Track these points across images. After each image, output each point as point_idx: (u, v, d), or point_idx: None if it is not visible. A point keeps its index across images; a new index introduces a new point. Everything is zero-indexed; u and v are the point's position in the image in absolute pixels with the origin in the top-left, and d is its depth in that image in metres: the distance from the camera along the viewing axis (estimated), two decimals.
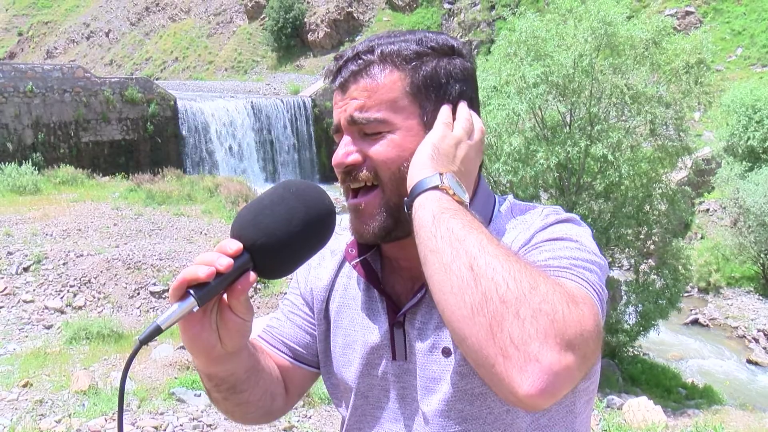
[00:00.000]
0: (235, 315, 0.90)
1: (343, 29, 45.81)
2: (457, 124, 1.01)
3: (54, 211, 13.52)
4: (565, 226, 0.99)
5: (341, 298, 1.15)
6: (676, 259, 14.50)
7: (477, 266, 0.80)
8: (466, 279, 0.80)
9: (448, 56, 1.04)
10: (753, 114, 21.52)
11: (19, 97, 21.01)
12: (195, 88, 37.68)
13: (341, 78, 1.03)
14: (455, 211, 0.88)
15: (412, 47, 1.02)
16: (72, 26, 60.28)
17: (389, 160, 1.00)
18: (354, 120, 1.01)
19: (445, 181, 0.92)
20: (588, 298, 0.84)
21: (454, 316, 0.80)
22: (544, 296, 0.77)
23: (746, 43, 31.64)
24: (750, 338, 16.93)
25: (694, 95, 14.03)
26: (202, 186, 18.00)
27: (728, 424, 7.90)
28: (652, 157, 13.97)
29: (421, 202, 0.91)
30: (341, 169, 1.03)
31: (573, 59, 12.90)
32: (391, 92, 1.00)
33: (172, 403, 5.33)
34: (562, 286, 0.81)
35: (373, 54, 1.02)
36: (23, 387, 5.66)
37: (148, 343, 0.83)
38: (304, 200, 0.90)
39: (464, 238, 0.83)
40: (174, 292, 0.83)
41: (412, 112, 1.01)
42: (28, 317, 8.57)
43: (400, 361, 1.07)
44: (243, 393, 1.06)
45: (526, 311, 0.76)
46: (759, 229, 18.46)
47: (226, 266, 0.83)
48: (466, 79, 1.05)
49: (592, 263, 0.92)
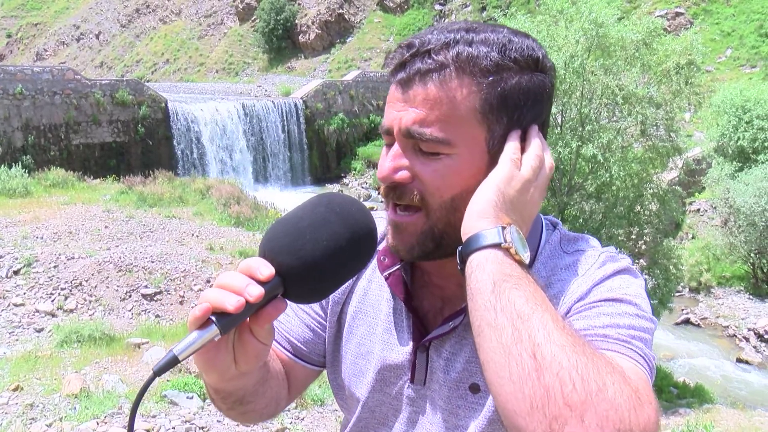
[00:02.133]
0: (257, 340, 0.81)
1: (334, 31, 45.84)
2: (526, 161, 0.89)
3: (44, 213, 13.44)
4: (623, 281, 0.91)
5: (359, 303, 1.09)
6: (668, 259, 14.58)
7: (541, 356, 0.72)
8: (527, 369, 0.72)
9: (531, 71, 0.90)
10: (743, 114, 21.67)
11: (9, 99, 20.90)
12: (186, 90, 37.63)
13: (404, 74, 0.90)
14: (518, 278, 0.79)
15: (494, 56, 0.88)
16: (62, 28, 60.01)
17: (443, 188, 0.90)
18: (410, 133, 0.89)
19: (507, 238, 0.81)
20: (648, 388, 0.79)
21: (510, 405, 0.73)
22: (612, 402, 0.70)
23: (736, 44, 31.86)
24: (740, 337, 17.02)
25: (684, 96, 14.11)
26: (193, 188, 17.95)
27: (719, 422, 7.95)
28: (643, 157, 14.04)
29: (479, 262, 0.81)
30: (386, 183, 0.92)
31: (564, 60, 12.95)
32: (460, 109, 0.87)
33: (165, 405, 5.31)
34: (629, 384, 0.74)
35: (447, 55, 0.88)
36: (14, 391, 5.62)
37: (163, 374, 0.75)
38: (348, 224, 0.80)
39: (528, 318, 0.75)
40: (195, 321, 0.74)
41: (479, 135, 0.89)
42: (19, 320, 8.51)
43: (417, 386, 1.01)
44: (250, 404, 1.01)
45: (591, 418, 0.69)
46: (749, 228, 18.58)
47: (257, 297, 0.74)
48: (544, 99, 0.92)
49: (647, 331, 0.87)
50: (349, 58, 44.22)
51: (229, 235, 12.81)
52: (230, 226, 13.99)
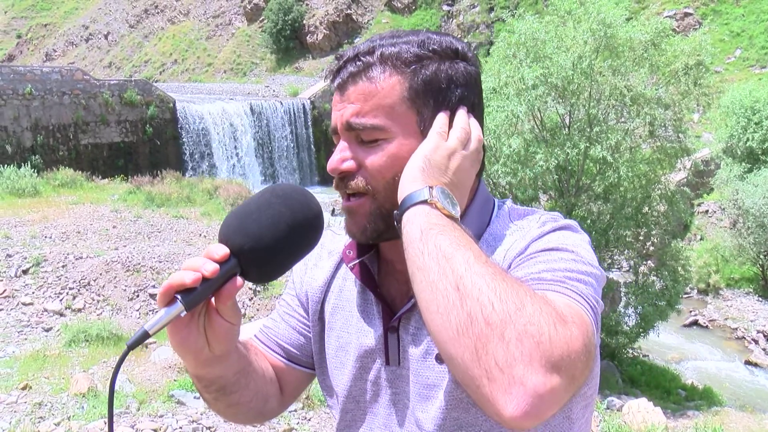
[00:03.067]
0: (223, 319, 0.90)
1: (342, 31, 45.85)
2: (452, 133, 0.98)
3: (53, 213, 13.51)
4: (561, 235, 0.97)
5: (336, 300, 1.14)
6: (676, 260, 14.50)
7: (463, 286, 0.78)
8: (451, 299, 0.78)
9: (450, 60, 1.00)
10: (752, 115, 21.55)
11: (18, 99, 21.03)
12: (194, 91, 37.73)
13: (340, 79, 1.01)
14: (443, 226, 0.86)
15: (413, 50, 0.98)
16: (71, 28, 60.32)
17: (383, 169, 0.98)
18: (350, 126, 0.99)
19: (434, 195, 0.90)
20: (579, 315, 0.82)
21: (440, 336, 0.79)
22: (530, 317, 0.75)
23: (745, 44, 31.68)
24: (749, 339, 16.93)
25: (693, 97, 14.03)
26: (201, 188, 18.00)
27: (728, 425, 7.91)
28: (651, 158, 13.97)
29: (409, 217, 0.89)
30: (335, 174, 1.02)
31: (572, 61, 12.91)
32: (389, 97, 0.97)
33: (172, 405, 5.32)
34: (551, 305, 0.79)
35: (372, 56, 0.98)
36: (22, 390, 5.65)
37: (136, 347, 0.85)
38: (290, 205, 0.90)
39: (451, 256, 0.81)
40: (161, 298, 0.83)
41: (410, 118, 0.98)
42: (27, 320, 8.56)
43: (393, 366, 1.05)
44: (233, 395, 1.06)
45: (511, 333, 0.74)
46: (758, 230, 18.48)
47: (212, 272, 0.83)
48: (468, 84, 1.02)
49: (587, 275, 0.90)
50: None
51: None
52: None
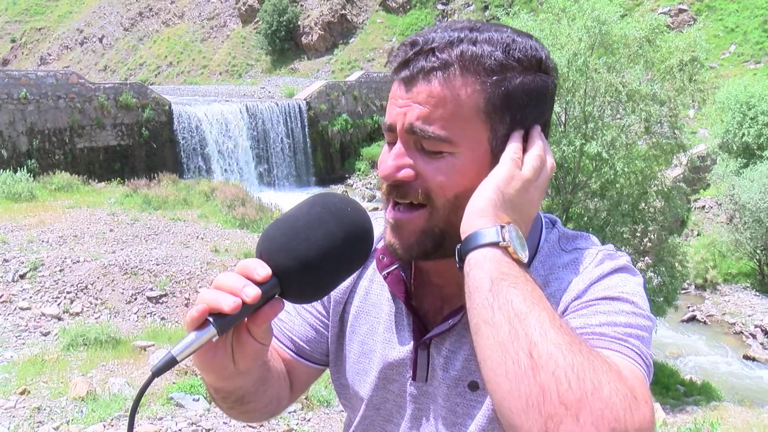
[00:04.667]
0: (254, 339, 0.81)
1: (336, 31, 45.85)
2: (527, 161, 0.89)
3: (50, 217, 13.48)
4: (620, 279, 0.91)
5: (361, 303, 1.09)
6: (673, 256, 14.54)
7: (537, 354, 0.72)
8: (524, 367, 0.73)
9: (534, 72, 0.90)
10: (747, 110, 21.60)
11: (13, 104, 20.97)
12: (190, 93, 37.70)
13: (407, 72, 0.89)
14: (515, 277, 0.79)
15: (497, 55, 0.87)
16: (65, 32, 60.20)
17: (446, 186, 0.89)
18: (413, 130, 0.88)
19: (506, 237, 0.81)
20: (644, 386, 0.79)
21: (506, 403, 0.74)
22: (607, 401, 0.70)
23: (739, 40, 31.75)
24: (747, 334, 16.97)
25: (688, 93, 14.07)
26: (198, 190, 17.98)
27: (726, 420, 7.93)
28: (647, 154, 14.00)
29: (477, 260, 0.81)
30: (389, 181, 0.91)
31: (567, 58, 12.93)
32: (463, 107, 0.87)
33: (171, 407, 5.32)
34: (625, 384, 0.74)
35: (451, 53, 0.87)
36: (21, 394, 5.64)
37: (162, 374, 0.75)
38: (343, 223, 0.81)
39: (525, 317, 0.75)
40: (193, 322, 0.74)
41: (482, 134, 0.89)
42: (25, 324, 8.54)
43: (420, 383, 1.02)
44: (250, 403, 1.01)
45: (586, 417, 0.69)
46: (755, 225, 18.52)
47: (253, 298, 0.74)
48: (546, 100, 0.92)
49: (645, 329, 0.87)
50: (352, 58, 44.22)
51: (234, 237, 12.83)
52: (235, 228, 14.01)
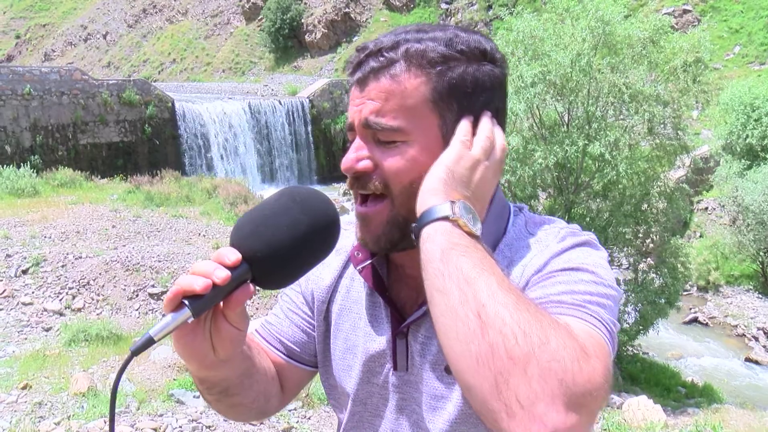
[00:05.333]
0: (230, 325, 0.86)
1: (340, 30, 45.84)
2: (476, 142, 0.94)
3: (52, 213, 13.50)
4: (581, 252, 0.94)
5: (343, 301, 1.12)
6: (675, 257, 14.51)
7: (485, 315, 0.76)
8: (473, 327, 0.76)
9: (478, 61, 0.95)
10: (751, 112, 21.56)
11: (17, 99, 21.01)
12: (193, 90, 37.74)
13: (360, 73, 0.96)
14: (465, 247, 0.82)
15: (440, 48, 0.93)
16: (69, 29, 60.28)
17: (401, 173, 0.94)
18: (368, 124, 0.94)
19: (456, 211, 0.85)
20: (600, 345, 0.81)
21: (459, 364, 0.77)
22: (554, 353, 0.73)
23: (744, 41, 31.68)
24: (749, 337, 16.94)
25: (692, 93, 14.03)
26: (200, 187, 18.00)
27: (728, 422, 7.90)
28: (650, 155, 13.98)
29: (429, 234, 0.85)
30: (350, 173, 0.97)
31: (571, 58, 12.91)
32: (411, 98, 0.93)
33: (171, 404, 5.32)
34: (575, 339, 0.77)
35: (397, 51, 0.93)
36: (22, 389, 5.65)
37: (140, 353, 0.80)
38: (308, 211, 0.86)
39: (473, 281, 0.78)
40: (168, 303, 0.79)
41: (432, 122, 0.94)
42: (27, 319, 8.56)
43: (401, 372, 1.04)
44: (236, 396, 1.04)
45: (534, 369, 0.72)
46: (758, 227, 18.48)
47: (223, 279, 0.79)
48: (494, 88, 0.97)
49: (606, 297, 0.89)
50: None
51: None
52: None
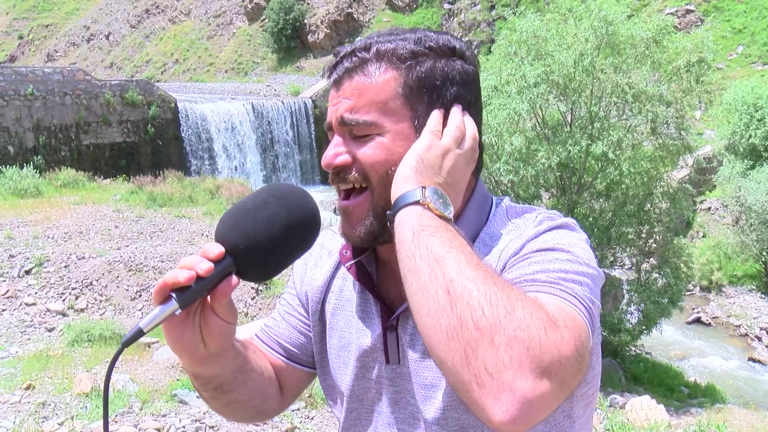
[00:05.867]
0: (218, 317, 0.89)
1: (343, 30, 45.83)
2: (446, 132, 0.97)
3: (55, 213, 13.52)
4: (557, 234, 0.95)
5: (337, 300, 1.14)
6: (678, 257, 14.49)
7: (453, 289, 0.78)
8: (442, 302, 0.78)
9: (446, 57, 1.00)
10: (754, 112, 21.52)
11: (20, 100, 21.04)
12: (195, 90, 37.72)
13: (336, 74, 1.01)
14: (435, 228, 0.86)
15: (409, 46, 0.99)
16: (72, 29, 60.35)
17: (377, 164, 0.98)
18: (344, 121, 0.98)
19: (427, 195, 0.89)
20: (572, 318, 0.81)
21: (431, 340, 0.79)
22: (520, 322, 0.75)
23: (747, 41, 31.61)
24: (752, 336, 16.91)
25: (695, 94, 14.01)
26: (203, 188, 18.01)
27: (731, 422, 7.89)
28: (653, 155, 13.97)
29: (401, 218, 0.89)
30: (330, 169, 1.01)
31: (574, 58, 12.89)
32: (383, 93, 0.97)
33: (175, 404, 5.33)
34: (542, 309, 0.78)
35: (369, 51, 0.99)
36: (26, 390, 5.66)
37: (130, 344, 0.84)
38: (286, 204, 0.90)
39: (442, 258, 0.81)
40: (156, 296, 0.83)
41: (404, 114, 0.98)
42: (30, 320, 8.57)
43: (393, 365, 1.06)
44: (230, 393, 1.05)
45: (500, 338, 0.74)
46: (761, 227, 18.45)
47: (206, 270, 0.83)
48: (465, 82, 1.01)
49: (583, 275, 0.89)
50: None
51: None
52: None
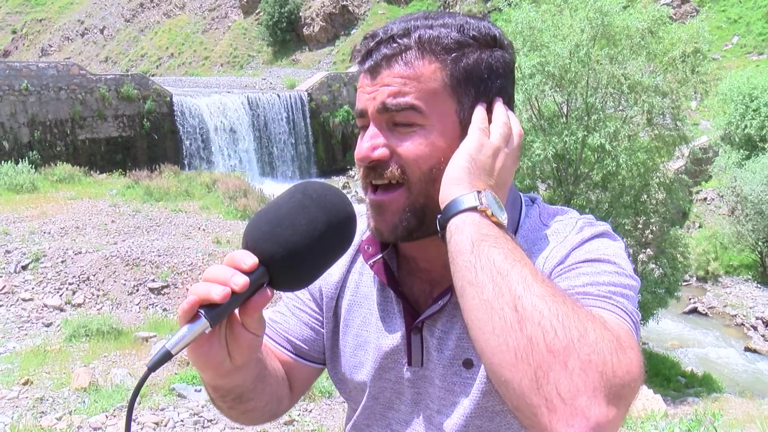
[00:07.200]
0: (247, 331, 0.82)
1: (338, 23, 45.70)
2: (494, 130, 0.92)
3: (51, 209, 13.49)
4: (601, 243, 0.94)
5: (353, 296, 1.10)
6: (675, 248, 14.54)
7: (522, 308, 0.74)
8: (509, 321, 0.74)
9: (490, 48, 0.95)
10: (750, 102, 21.54)
11: (15, 95, 20.94)
12: (191, 84, 37.59)
13: (371, 61, 0.93)
14: (496, 238, 0.81)
15: (453, 35, 0.92)
16: (66, 23, 60.04)
17: (420, 159, 0.92)
18: (386, 107, 0.91)
19: (483, 201, 0.84)
20: (631, 338, 0.80)
21: (496, 359, 0.75)
22: (594, 346, 0.72)
23: (742, 31, 31.60)
24: (748, 326, 16.98)
25: (690, 84, 14.03)
26: (199, 182, 17.97)
27: (727, 411, 7.93)
28: (650, 146, 13.98)
29: (457, 225, 0.83)
30: (365, 163, 0.94)
31: (569, 49, 12.89)
32: (430, 83, 0.91)
33: (173, 398, 5.34)
34: (610, 331, 0.76)
35: (409, 38, 0.92)
36: (23, 385, 5.66)
37: (157, 369, 0.75)
38: (325, 208, 0.82)
39: (507, 273, 0.77)
40: (184, 314, 0.75)
41: (450, 107, 0.93)
42: (28, 315, 8.57)
43: (416, 368, 1.02)
44: (250, 401, 1.01)
45: (574, 363, 0.71)
46: (756, 217, 18.50)
47: (242, 286, 0.75)
48: (506, 74, 0.97)
49: (629, 288, 0.89)
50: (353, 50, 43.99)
51: (236, 228, 12.84)
52: (237, 219, 14.02)
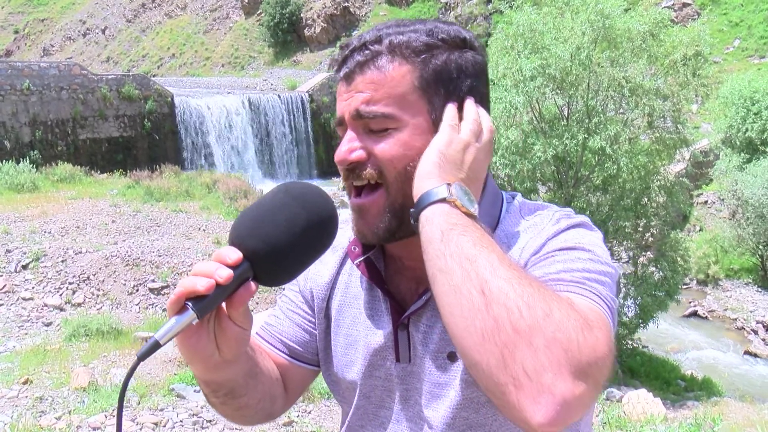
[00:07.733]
0: (235, 324, 0.86)
1: (339, 24, 45.71)
2: (464, 126, 0.96)
3: (52, 208, 13.50)
4: (577, 233, 0.96)
5: (342, 297, 1.12)
6: (675, 251, 14.52)
7: (488, 290, 0.77)
8: (477, 303, 0.77)
9: (459, 49, 0.98)
10: (751, 106, 21.51)
11: (16, 95, 20.96)
12: (192, 85, 37.60)
13: (346, 68, 0.98)
14: (464, 226, 0.84)
15: (422, 38, 0.96)
16: (68, 23, 60.10)
17: (395, 159, 0.95)
18: (360, 114, 0.96)
19: (452, 193, 0.87)
20: (601, 319, 0.82)
21: (465, 341, 0.78)
22: (559, 324, 0.75)
23: (744, 34, 31.60)
24: (749, 330, 16.96)
25: (691, 87, 14.02)
26: (200, 182, 17.99)
27: (727, 415, 7.92)
28: (650, 149, 13.97)
29: (428, 216, 0.87)
30: (344, 166, 0.98)
31: (570, 52, 12.88)
32: (400, 86, 0.95)
33: (172, 399, 5.34)
34: (577, 311, 0.78)
35: (381, 44, 0.96)
36: (23, 384, 5.67)
37: (146, 358, 0.80)
38: (305, 205, 0.86)
39: (475, 258, 0.80)
40: (172, 306, 0.80)
41: (421, 108, 0.96)
42: (28, 315, 8.57)
43: (404, 364, 1.04)
44: (241, 397, 1.03)
45: (539, 340, 0.73)
46: (757, 220, 18.48)
47: (226, 278, 0.79)
48: (477, 74, 1.00)
49: (604, 274, 0.90)
50: None
51: None
52: None
